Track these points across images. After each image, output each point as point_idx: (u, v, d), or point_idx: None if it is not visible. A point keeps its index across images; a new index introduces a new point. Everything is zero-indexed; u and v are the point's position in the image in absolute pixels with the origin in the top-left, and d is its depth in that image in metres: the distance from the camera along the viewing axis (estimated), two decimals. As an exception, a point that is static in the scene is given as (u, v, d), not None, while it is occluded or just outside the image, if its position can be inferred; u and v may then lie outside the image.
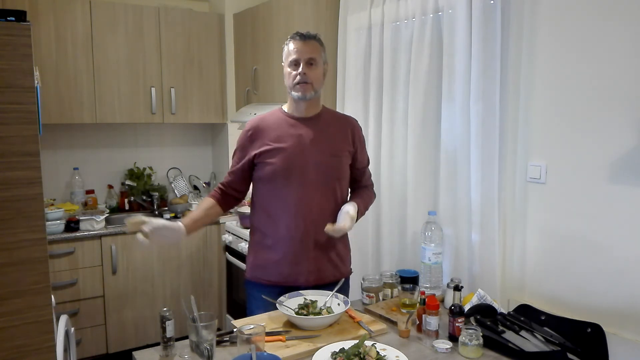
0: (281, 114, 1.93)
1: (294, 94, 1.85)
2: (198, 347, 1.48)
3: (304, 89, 1.83)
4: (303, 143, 1.86)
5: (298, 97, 1.84)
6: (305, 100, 1.86)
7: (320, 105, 1.96)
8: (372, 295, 1.96)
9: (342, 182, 1.94)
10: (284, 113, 1.93)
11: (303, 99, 1.84)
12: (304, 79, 1.81)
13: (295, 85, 1.83)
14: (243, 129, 1.94)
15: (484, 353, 1.55)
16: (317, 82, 1.85)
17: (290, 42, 1.86)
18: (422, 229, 2.04)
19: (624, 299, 1.67)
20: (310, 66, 1.83)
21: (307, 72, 1.81)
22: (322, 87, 1.90)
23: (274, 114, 1.94)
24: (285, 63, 1.87)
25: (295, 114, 1.91)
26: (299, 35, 1.84)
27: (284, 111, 1.94)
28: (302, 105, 1.89)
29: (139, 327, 3.27)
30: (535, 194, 1.94)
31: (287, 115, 1.92)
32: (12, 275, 1.67)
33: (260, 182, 1.91)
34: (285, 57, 1.87)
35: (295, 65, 1.83)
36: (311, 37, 1.85)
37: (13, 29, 1.62)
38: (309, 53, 1.83)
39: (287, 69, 1.86)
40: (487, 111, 2.00)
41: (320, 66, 1.87)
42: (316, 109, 1.93)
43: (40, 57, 2.99)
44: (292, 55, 1.83)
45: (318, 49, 1.86)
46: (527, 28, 1.91)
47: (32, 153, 1.68)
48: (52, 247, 2.91)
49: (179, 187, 3.78)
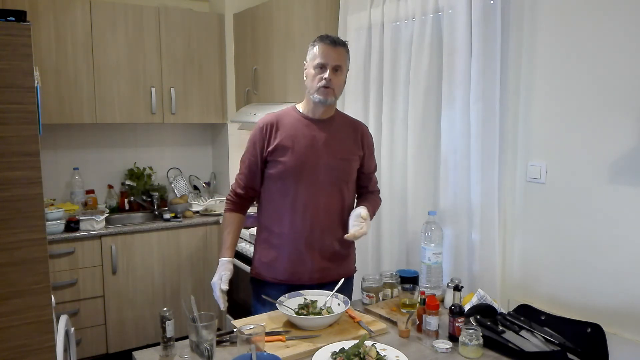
0: (296, 113, 1.93)
1: (316, 97, 1.84)
2: (198, 347, 1.48)
3: (326, 94, 1.82)
4: (315, 144, 1.86)
5: (320, 100, 1.83)
6: (325, 105, 1.86)
7: (335, 109, 1.96)
8: (372, 295, 1.96)
9: (350, 185, 1.96)
10: (298, 113, 1.93)
11: (324, 103, 1.84)
12: (328, 84, 1.81)
13: (319, 88, 1.82)
14: (256, 124, 1.93)
15: (484, 353, 1.55)
16: (339, 88, 1.86)
17: (319, 44, 1.83)
18: (422, 229, 2.04)
19: (624, 299, 1.67)
20: (336, 72, 1.82)
21: (332, 79, 1.81)
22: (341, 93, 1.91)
23: (288, 113, 1.94)
24: (310, 64, 1.85)
25: (310, 115, 1.91)
26: (330, 39, 1.83)
27: (298, 111, 1.93)
28: (320, 108, 1.88)
29: (139, 327, 3.27)
30: (535, 194, 1.94)
31: (302, 115, 1.91)
32: (12, 275, 1.67)
33: (270, 179, 1.91)
34: (312, 59, 1.85)
35: (321, 68, 1.82)
36: (341, 44, 1.84)
37: (13, 29, 1.61)
38: (337, 60, 1.82)
39: (312, 71, 1.84)
40: (487, 111, 2.00)
41: (344, 73, 1.88)
42: (331, 112, 1.94)
43: (40, 57, 2.99)
44: (319, 59, 1.81)
45: (345, 57, 1.86)
46: (527, 28, 1.91)
47: (32, 153, 1.67)
48: (52, 247, 2.91)
49: (179, 187, 3.78)
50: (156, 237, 3.26)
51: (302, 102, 1.94)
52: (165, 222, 3.31)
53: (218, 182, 3.89)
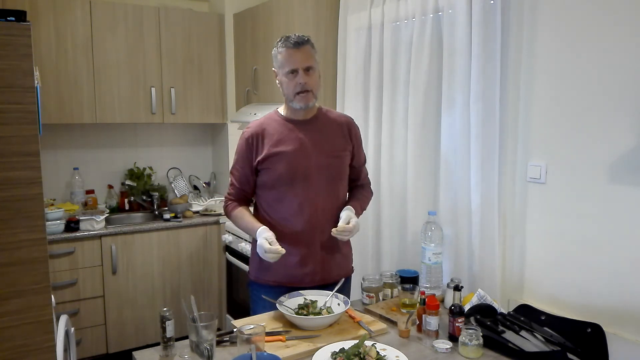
0: (279, 117, 1.90)
1: (296, 104, 1.81)
2: (198, 347, 1.48)
3: (306, 99, 1.80)
4: (304, 146, 1.84)
5: (301, 107, 1.81)
6: (306, 110, 1.85)
7: (316, 107, 1.94)
8: (372, 295, 1.96)
9: (344, 181, 1.95)
10: (281, 117, 1.90)
11: (305, 108, 1.82)
12: (305, 87, 1.78)
13: (296, 95, 1.79)
14: (241, 136, 1.91)
15: (484, 353, 1.55)
16: (316, 88, 1.83)
17: (282, 49, 1.79)
18: (422, 229, 2.04)
19: (624, 299, 1.67)
20: (308, 72, 1.79)
21: (307, 81, 1.78)
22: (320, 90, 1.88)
23: (271, 118, 1.91)
24: (281, 71, 1.81)
25: (292, 117, 1.88)
26: (291, 42, 1.77)
27: (280, 114, 1.91)
28: (302, 112, 1.86)
29: (139, 327, 3.27)
30: (535, 194, 1.94)
31: (285, 118, 1.89)
32: (12, 275, 1.67)
33: (264, 187, 1.89)
34: (280, 66, 1.81)
35: (293, 73, 1.78)
36: (304, 43, 1.78)
37: (13, 29, 1.62)
38: (306, 61, 1.78)
39: (284, 78, 1.80)
40: (487, 111, 2.00)
41: (317, 70, 1.83)
42: (313, 111, 1.91)
43: (40, 57, 2.99)
44: (288, 65, 1.77)
45: (312, 54, 1.81)
46: (527, 28, 1.91)
47: (32, 153, 1.67)
48: (52, 247, 2.91)
49: (179, 187, 3.78)
50: (156, 237, 3.26)
51: (283, 106, 1.91)
52: (165, 222, 3.30)
53: (218, 182, 3.89)
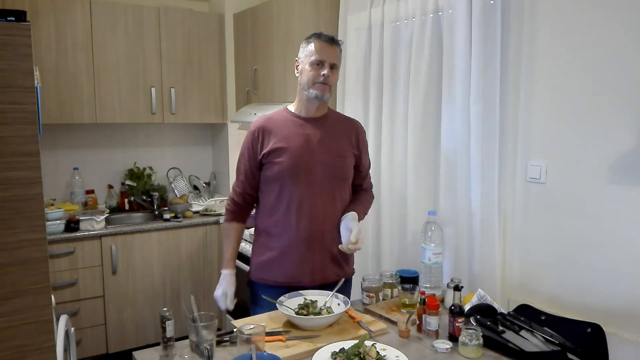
0: (287, 114, 1.93)
1: (311, 92, 1.84)
2: (198, 347, 1.48)
3: (324, 90, 1.83)
4: (310, 143, 1.86)
5: (316, 95, 1.83)
6: (321, 101, 1.87)
7: (327, 107, 1.97)
8: (372, 295, 1.96)
9: (347, 182, 1.95)
10: (290, 113, 1.93)
11: (320, 98, 1.85)
12: (326, 80, 1.82)
13: (315, 83, 1.82)
14: (248, 129, 1.93)
15: (484, 353, 1.55)
16: (334, 86, 1.89)
17: (315, 41, 1.84)
18: (422, 229, 2.04)
19: (624, 299, 1.67)
20: (332, 70, 1.84)
21: (330, 75, 1.83)
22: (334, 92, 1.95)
23: (280, 114, 1.94)
24: (305, 60, 1.85)
25: (302, 114, 1.91)
26: (327, 37, 1.84)
27: (290, 111, 1.93)
28: (315, 105, 1.89)
29: (139, 327, 3.27)
30: (535, 194, 1.94)
31: (294, 115, 1.92)
32: (12, 275, 1.67)
33: (267, 182, 1.90)
34: (307, 55, 1.85)
35: (319, 65, 1.82)
36: (337, 43, 1.87)
37: (13, 29, 1.61)
38: (334, 58, 1.84)
39: (307, 67, 1.84)
40: (487, 111, 2.00)
41: (338, 72, 1.90)
42: (324, 110, 1.94)
43: (40, 57, 3.00)
44: (316, 55, 1.82)
45: (340, 56, 1.88)
46: (527, 28, 1.91)
47: (32, 153, 1.67)
48: (52, 247, 2.91)
49: (179, 187, 3.78)
50: (156, 237, 3.26)
51: (294, 103, 1.94)
52: (165, 222, 3.31)
53: (218, 182, 3.89)
